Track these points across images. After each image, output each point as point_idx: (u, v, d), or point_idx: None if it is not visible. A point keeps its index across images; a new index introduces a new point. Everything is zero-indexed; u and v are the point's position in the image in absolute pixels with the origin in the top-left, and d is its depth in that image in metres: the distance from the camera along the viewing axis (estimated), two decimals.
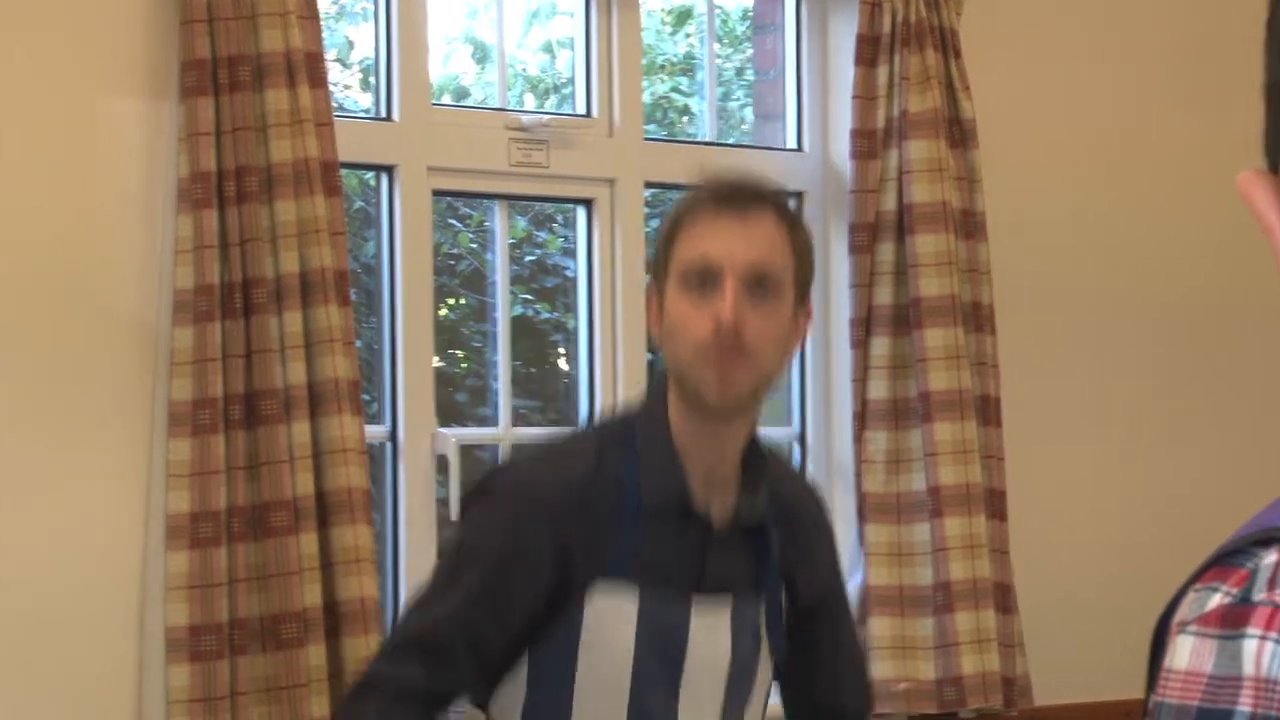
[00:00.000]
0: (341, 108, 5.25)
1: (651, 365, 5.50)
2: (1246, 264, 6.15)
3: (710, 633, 3.37)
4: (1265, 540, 1.26)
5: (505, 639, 3.34)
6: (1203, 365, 6.29)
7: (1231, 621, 1.24)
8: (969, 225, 5.76)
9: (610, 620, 3.32)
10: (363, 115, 5.40)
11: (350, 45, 5.62)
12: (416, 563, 5.28)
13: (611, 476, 3.35)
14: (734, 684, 3.41)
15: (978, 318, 5.75)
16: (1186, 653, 1.25)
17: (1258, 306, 6.25)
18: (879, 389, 5.66)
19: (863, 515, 5.65)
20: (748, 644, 3.41)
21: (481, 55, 5.79)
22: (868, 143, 5.68)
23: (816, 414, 5.90)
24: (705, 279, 3.30)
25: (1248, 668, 1.22)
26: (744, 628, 3.40)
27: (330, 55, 5.18)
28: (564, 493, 3.35)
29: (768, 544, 3.42)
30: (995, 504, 5.73)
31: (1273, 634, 1.22)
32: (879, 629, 5.58)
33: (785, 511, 3.48)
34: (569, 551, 3.31)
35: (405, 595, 5.27)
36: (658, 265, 3.40)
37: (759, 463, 3.43)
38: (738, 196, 3.35)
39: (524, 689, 3.38)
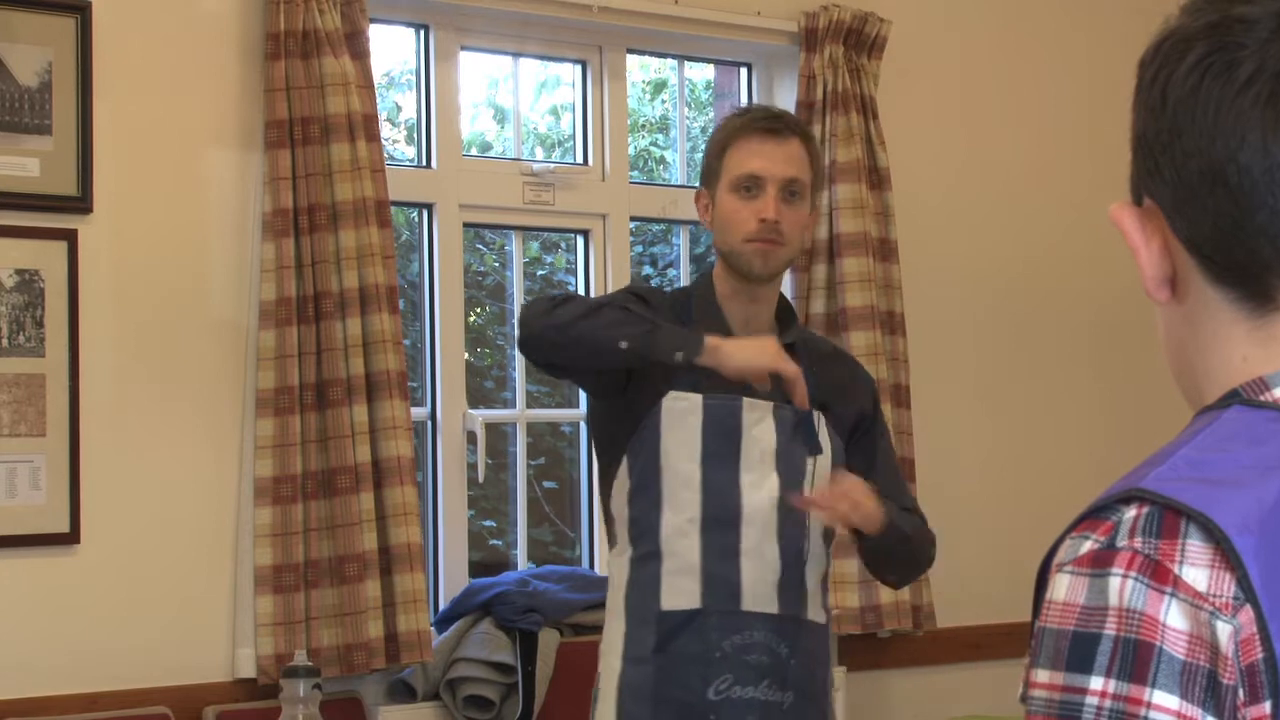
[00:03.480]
0: (391, 158, 5.24)
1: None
2: (1112, 278, 6.15)
3: (758, 422, 3.57)
4: (1127, 498, 1.25)
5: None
6: (1073, 357, 6.28)
7: (1100, 563, 1.23)
8: (884, 250, 5.74)
9: (681, 414, 3.55)
10: (408, 164, 5.38)
11: (398, 108, 5.60)
12: (452, 515, 5.27)
13: (679, 316, 3.61)
14: (783, 466, 3.56)
15: (891, 323, 5.74)
16: (1064, 588, 1.24)
17: (1119, 310, 6.25)
18: None
19: None
20: (789, 437, 3.57)
21: (501, 117, 5.78)
22: None
23: None
24: (751, 187, 3.58)
25: (1112, 599, 1.22)
26: (784, 426, 3.58)
27: (382, 116, 5.16)
28: (662, 298, 3.66)
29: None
30: (906, 469, 5.71)
31: (1132, 573, 1.22)
32: None
33: (819, 358, 3.70)
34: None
35: (443, 541, 5.26)
36: (709, 174, 3.66)
37: (789, 316, 3.70)
38: (775, 125, 3.63)
39: (628, 480, 3.59)
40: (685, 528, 3.52)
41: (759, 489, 3.54)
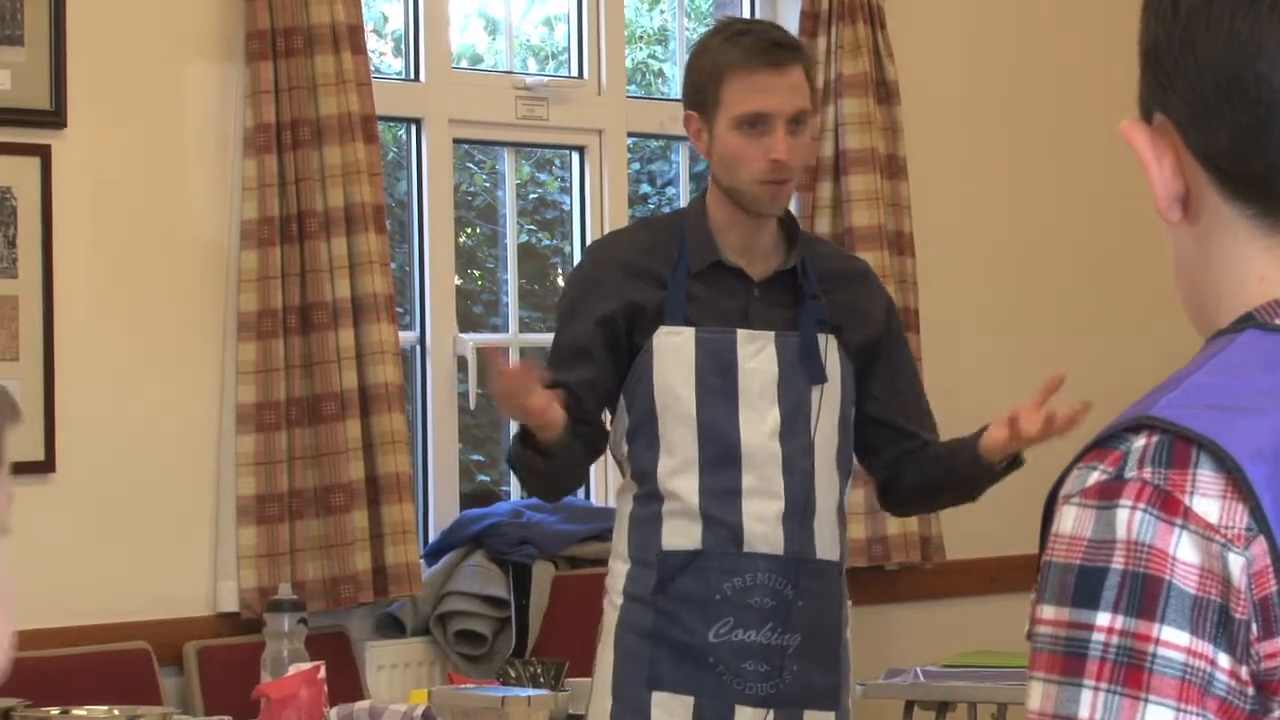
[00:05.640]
0: (377, 71, 5.22)
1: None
2: (1131, 194, 6.14)
3: (756, 353, 3.55)
4: (1135, 427, 1.25)
5: (609, 353, 3.57)
6: (1089, 278, 6.28)
7: (1107, 494, 1.23)
8: (892, 168, 5.74)
9: (674, 348, 3.53)
10: (395, 77, 5.36)
11: (385, 19, 5.58)
12: (442, 443, 5.27)
13: (664, 248, 3.59)
14: (786, 399, 3.54)
15: (900, 243, 5.74)
16: (1070, 520, 1.24)
17: (1139, 228, 6.24)
18: None
19: None
20: (792, 366, 3.55)
21: (492, 28, 5.75)
22: None
23: None
24: (757, 123, 3.50)
25: (1120, 532, 1.22)
26: (787, 354, 3.55)
27: (368, 27, 5.14)
28: (624, 247, 3.68)
29: (803, 291, 3.59)
30: None
31: (1141, 504, 1.22)
32: None
33: (829, 274, 3.66)
34: (633, 280, 3.57)
35: (433, 471, 5.27)
36: (702, 101, 3.55)
37: (794, 232, 3.65)
38: (778, 56, 3.54)
39: (626, 418, 3.59)
40: (683, 468, 3.52)
41: (759, 425, 3.53)
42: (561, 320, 3.68)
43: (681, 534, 3.54)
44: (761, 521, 3.52)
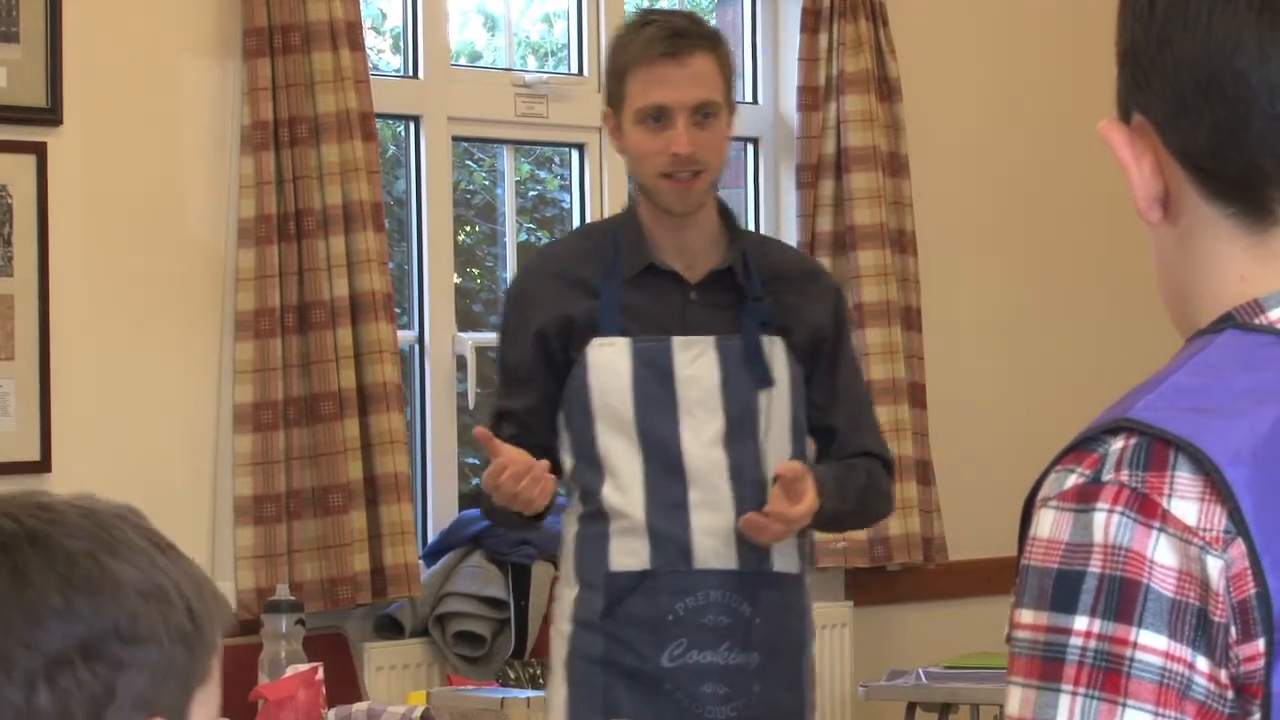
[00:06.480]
0: (376, 68, 5.21)
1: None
2: (1125, 192, 6.14)
3: (694, 360, 3.45)
4: (1114, 430, 1.25)
5: (549, 371, 3.49)
6: (1094, 277, 6.28)
7: (1085, 497, 1.23)
8: (894, 165, 5.73)
9: (608, 360, 3.44)
10: (393, 74, 5.36)
11: (383, 16, 5.58)
12: (441, 444, 5.27)
13: (600, 255, 3.51)
14: (731, 405, 3.45)
15: (901, 241, 5.73)
16: (1048, 524, 1.25)
17: (1133, 224, 6.23)
18: None
19: None
20: (736, 371, 3.45)
21: (491, 24, 5.75)
22: (811, 97, 5.66)
23: None
24: (659, 116, 3.43)
25: (1098, 536, 1.22)
26: (730, 358, 3.46)
27: (366, 24, 5.14)
28: (556, 257, 3.64)
29: (744, 291, 3.49)
30: (917, 395, 5.72)
31: (1118, 507, 1.22)
32: None
33: (777, 274, 3.54)
34: (564, 291, 3.49)
35: (432, 471, 5.27)
36: (612, 97, 3.51)
37: (734, 230, 3.55)
38: (674, 46, 3.45)
39: (566, 435, 3.50)
40: (627, 484, 3.42)
41: (701, 434, 3.43)
42: (501, 341, 3.62)
43: (629, 553, 3.43)
44: (711, 535, 3.42)
